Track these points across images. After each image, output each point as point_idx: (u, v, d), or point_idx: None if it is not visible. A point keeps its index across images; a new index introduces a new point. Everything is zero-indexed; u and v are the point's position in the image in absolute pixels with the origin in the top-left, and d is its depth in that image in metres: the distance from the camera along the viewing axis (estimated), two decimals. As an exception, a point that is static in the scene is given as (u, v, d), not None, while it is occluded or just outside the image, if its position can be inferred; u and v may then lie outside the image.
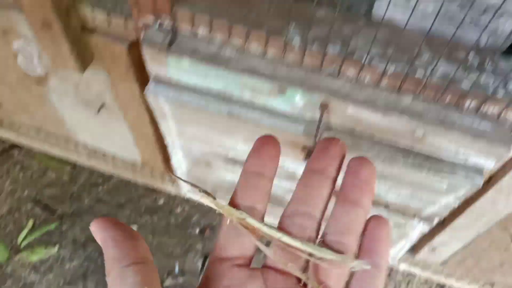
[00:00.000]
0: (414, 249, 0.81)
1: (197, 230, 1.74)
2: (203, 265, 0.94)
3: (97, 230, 0.25)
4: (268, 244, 0.26)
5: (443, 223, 0.66)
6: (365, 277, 0.24)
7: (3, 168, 1.82)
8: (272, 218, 0.31)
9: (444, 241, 0.71)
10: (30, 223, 1.72)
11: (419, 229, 0.66)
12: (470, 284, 0.85)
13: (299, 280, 0.25)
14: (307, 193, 0.26)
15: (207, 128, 0.60)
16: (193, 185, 0.28)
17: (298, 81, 0.48)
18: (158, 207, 1.77)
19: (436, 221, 0.64)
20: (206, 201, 0.28)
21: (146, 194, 1.78)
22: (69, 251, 1.69)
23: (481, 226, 0.63)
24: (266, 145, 0.27)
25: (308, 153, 0.57)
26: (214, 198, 0.28)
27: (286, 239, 0.24)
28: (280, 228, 0.26)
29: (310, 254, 0.24)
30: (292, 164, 0.62)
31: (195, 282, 1.01)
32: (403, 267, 0.88)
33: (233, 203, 0.27)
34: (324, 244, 0.25)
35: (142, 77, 0.58)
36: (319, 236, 0.25)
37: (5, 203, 1.76)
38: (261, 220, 0.26)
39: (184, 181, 0.29)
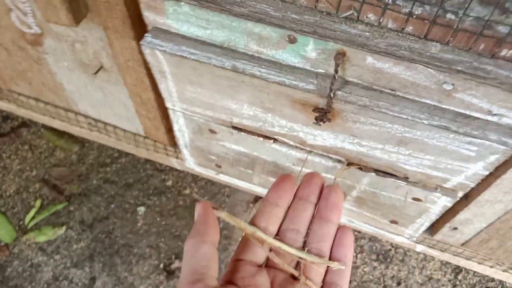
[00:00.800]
0: (433, 228, 0.74)
1: (206, 213, 1.69)
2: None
3: (200, 208, 0.34)
4: (271, 250, 0.36)
5: (467, 198, 0.60)
6: (336, 272, 0.35)
7: (11, 147, 1.80)
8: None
9: (467, 219, 0.65)
10: (38, 203, 1.69)
11: (440, 204, 0.60)
12: (493, 267, 0.79)
13: (292, 275, 0.36)
14: (295, 215, 0.37)
15: (209, 89, 0.55)
16: (213, 206, 0.36)
17: (311, 28, 0.42)
18: (166, 188, 1.73)
19: (460, 194, 0.58)
20: (225, 216, 0.35)
21: (154, 174, 1.74)
22: (77, 232, 1.66)
23: (510, 201, 0.57)
24: (284, 182, 0.38)
25: (320, 116, 0.51)
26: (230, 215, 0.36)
27: (284, 247, 0.35)
28: (279, 240, 0.36)
29: (301, 258, 0.35)
30: (301, 128, 0.56)
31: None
32: (420, 248, 0.82)
33: (253, 223, 0.36)
34: (309, 250, 0.36)
35: (140, 35, 0.53)
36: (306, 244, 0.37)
37: (13, 182, 1.73)
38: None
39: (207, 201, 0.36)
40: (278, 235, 0.37)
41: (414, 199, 0.61)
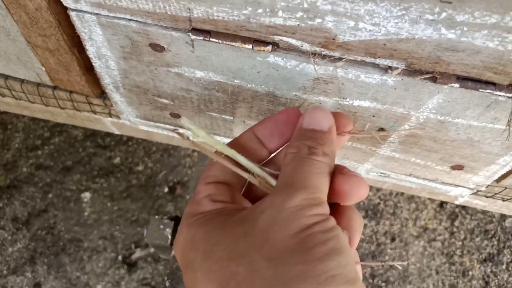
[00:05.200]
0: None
1: (166, 189, 1.39)
2: (174, 230, 0.60)
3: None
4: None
5: None
6: None
7: None
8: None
9: None
10: (-44, 204, 1.32)
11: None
12: None
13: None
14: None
15: None
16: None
17: None
18: (114, 166, 1.39)
19: None
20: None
21: (97, 152, 1.39)
22: (10, 232, 1.30)
23: None
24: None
25: None
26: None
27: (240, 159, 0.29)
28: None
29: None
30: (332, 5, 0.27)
31: (169, 250, 0.67)
32: (479, 202, 0.58)
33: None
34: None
35: None
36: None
37: None
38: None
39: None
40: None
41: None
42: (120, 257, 1.26)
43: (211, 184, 0.29)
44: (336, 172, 0.27)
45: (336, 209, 0.29)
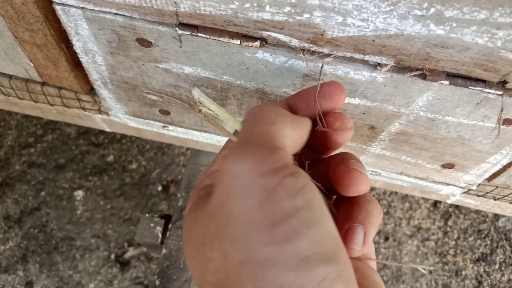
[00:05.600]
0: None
1: (159, 187, 1.38)
2: (165, 228, 0.59)
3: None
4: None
5: None
6: None
7: None
8: None
9: None
10: None
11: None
12: None
13: None
14: None
15: None
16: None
17: None
18: (107, 164, 1.38)
19: None
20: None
21: (90, 150, 1.39)
22: (2, 230, 1.30)
23: None
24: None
25: None
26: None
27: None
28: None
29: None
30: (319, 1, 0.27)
31: (160, 249, 0.66)
32: (471, 202, 0.58)
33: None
34: None
35: None
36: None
37: None
38: None
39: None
40: None
41: (506, 121, 0.34)
42: (113, 256, 1.25)
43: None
44: (340, 163, 0.26)
45: (353, 200, 0.26)
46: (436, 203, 1.36)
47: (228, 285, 0.19)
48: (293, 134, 0.23)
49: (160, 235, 0.59)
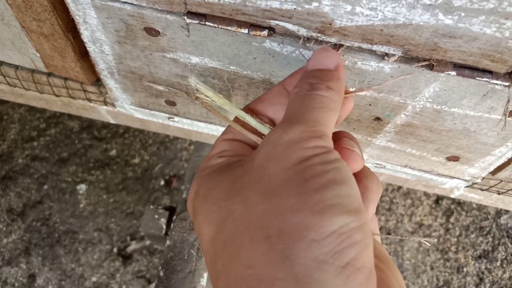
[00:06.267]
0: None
1: (162, 182, 1.38)
2: (169, 220, 0.60)
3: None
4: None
5: None
6: None
7: None
8: None
9: None
10: (-49, 194, 1.31)
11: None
12: None
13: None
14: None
15: None
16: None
17: None
18: (110, 158, 1.39)
19: None
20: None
21: (93, 144, 1.39)
22: (5, 223, 1.30)
23: None
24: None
25: None
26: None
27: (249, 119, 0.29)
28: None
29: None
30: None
31: (164, 240, 0.67)
32: (474, 196, 0.58)
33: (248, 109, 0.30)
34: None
35: None
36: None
37: None
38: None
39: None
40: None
41: (513, 113, 0.35)
42: (115, 250, 1.25)
43: (227, 141, 0.29)
44: (334, 142, 0.27)
45: None
46: (438, 200, 1.36)
47: (247, 232, 0.21)
48: (332, 119, 0.25)
49: (164, 227, 0.59)
